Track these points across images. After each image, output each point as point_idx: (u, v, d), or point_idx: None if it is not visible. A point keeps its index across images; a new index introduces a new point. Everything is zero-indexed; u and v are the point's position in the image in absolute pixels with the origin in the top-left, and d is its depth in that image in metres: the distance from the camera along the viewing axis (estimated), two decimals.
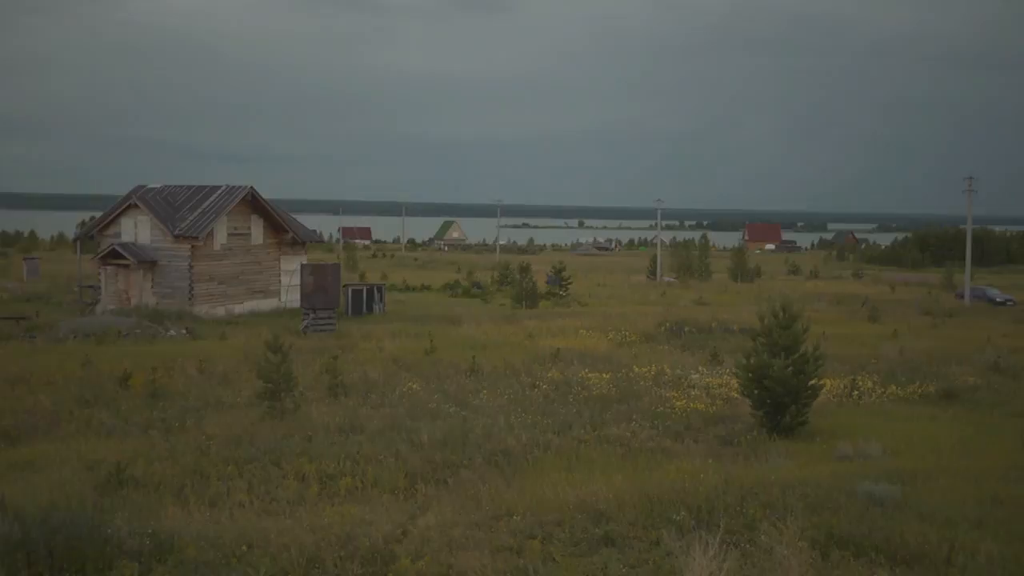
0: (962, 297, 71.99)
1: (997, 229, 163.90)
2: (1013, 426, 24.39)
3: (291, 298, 52.26)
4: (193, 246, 48.25)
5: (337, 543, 12.83)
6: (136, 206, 49.52)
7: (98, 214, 59.66)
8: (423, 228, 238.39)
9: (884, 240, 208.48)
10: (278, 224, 53.91)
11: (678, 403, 26.44)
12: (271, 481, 17.89)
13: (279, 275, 54.08)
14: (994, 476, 18.04)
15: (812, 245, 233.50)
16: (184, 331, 40.91)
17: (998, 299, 72.40)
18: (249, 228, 52.38)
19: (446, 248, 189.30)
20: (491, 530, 13.89)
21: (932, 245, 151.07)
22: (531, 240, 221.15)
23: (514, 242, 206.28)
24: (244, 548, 12.53)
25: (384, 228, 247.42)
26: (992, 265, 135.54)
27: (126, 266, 48.92)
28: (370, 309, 51.98)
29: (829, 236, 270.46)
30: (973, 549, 12.60)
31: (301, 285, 45.23)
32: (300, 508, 15.93)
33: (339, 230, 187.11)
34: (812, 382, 23.91)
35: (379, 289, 54.47)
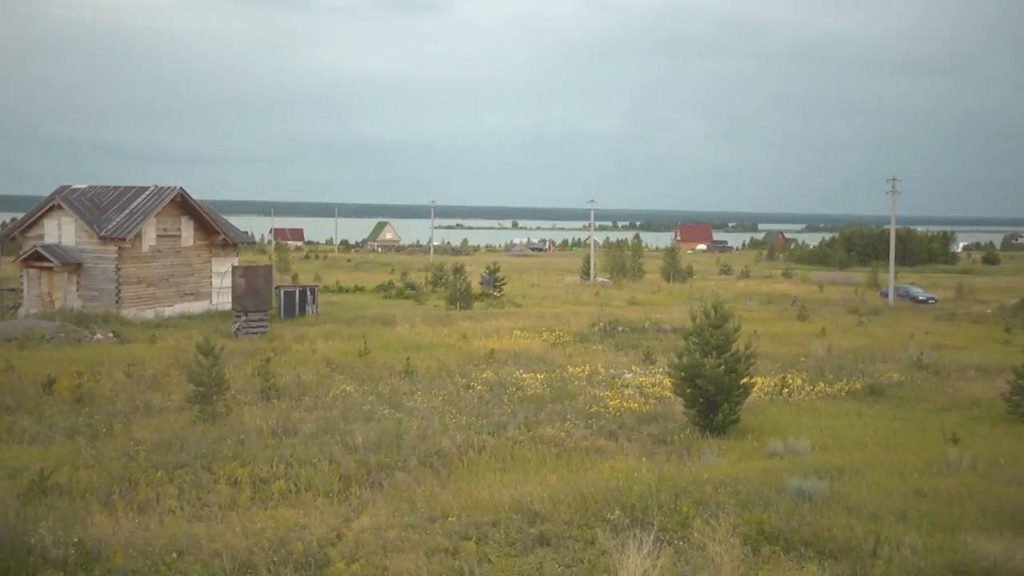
0: (887, 296, 73.64)
1: (920, 229, 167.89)
2: (935, 421, 25.04)
3: (222, 300, 51.53)
4: (120, 248, 47.30)
5: (270, 548, 12.69)
6: (60, 207, 48.38)
7: (20, 215, 58.15)
8: (356, 229, 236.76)
9: (812, 240, 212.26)
10: (209, 225, 53.11)
11: (612, 402, 26.63)
12: (202, 486, 17.62)
13: (210, 277, 53.28)
14: (917, 470, 18.49)
15: (743, 245, 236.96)
16: (111, 335, 40.08)
17: (921, 297, 74.26)
18: (179, 230, 51.52)
19: (379, 249, 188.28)
20: (426, 532, 13.86)
21: (858, 245, 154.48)
22: (465, 241, 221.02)
23: (448, 243, 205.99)
24: (174, 555, 12.32)
25: (317, 229, 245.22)
26: (915, 264, 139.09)
27: (50, 268, 47.77)
28: (303, 311, 51.47)
29: (759, 236, 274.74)
30: (898, 541, 12.91)
31: (232, 287, 44.60)
32: (232, 513, 15.70)
33: (271, 231, 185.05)
34: (743, 380, 24.25)
35: (312, 291, 53.98)
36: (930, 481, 17.45)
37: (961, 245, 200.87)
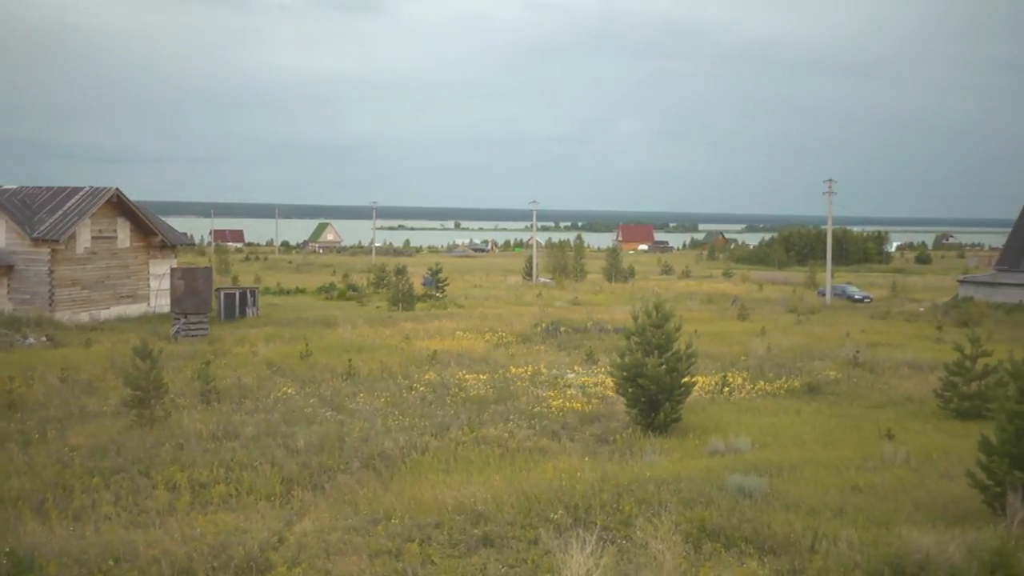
0: (824, 295, 74.84)
1: (855, 230, 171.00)
2: (871, 417, 25.51)
3: (161, 303, 50.70)
4: (53, 249, 46.30)
5: (210, 553, 12.53)
6: None
7: None
8: (297, 230, 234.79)
9: (752, 240, 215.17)
10: (146, 227, 52.23)
11: (555, 403, 26.70)
12: (140, 492, 17.32)
13: (148, 279, 52.40)
14: (853, 466, 18.85)
15: (684, 245, 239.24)
16: (44, 338, 39.22)
17: (856, 296, 75.64)
18: (115, 231, 50.58)
19: (321, 250, 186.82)
20: (369, 534, 13.79)
21: (796, 245, 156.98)
22: (407, 242, 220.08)
23: (390, 244, 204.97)
24: (110, 563, 12.12)
25: (257, 231, 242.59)
26: (851, 264, 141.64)
27: None
28: (243, 313, 50.85)
29: (700, 236, 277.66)
30: (835, 536, 13.14)
31: (171, 289, 43.91)
32: (171, 519, 15.46)
33: (211, 233, 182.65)
34: (685, 379, 24.48)
35: (252, 293, 53.35)
36: (866, 476, 17.81)
37: (895, 245, 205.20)
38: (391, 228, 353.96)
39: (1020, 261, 65.68)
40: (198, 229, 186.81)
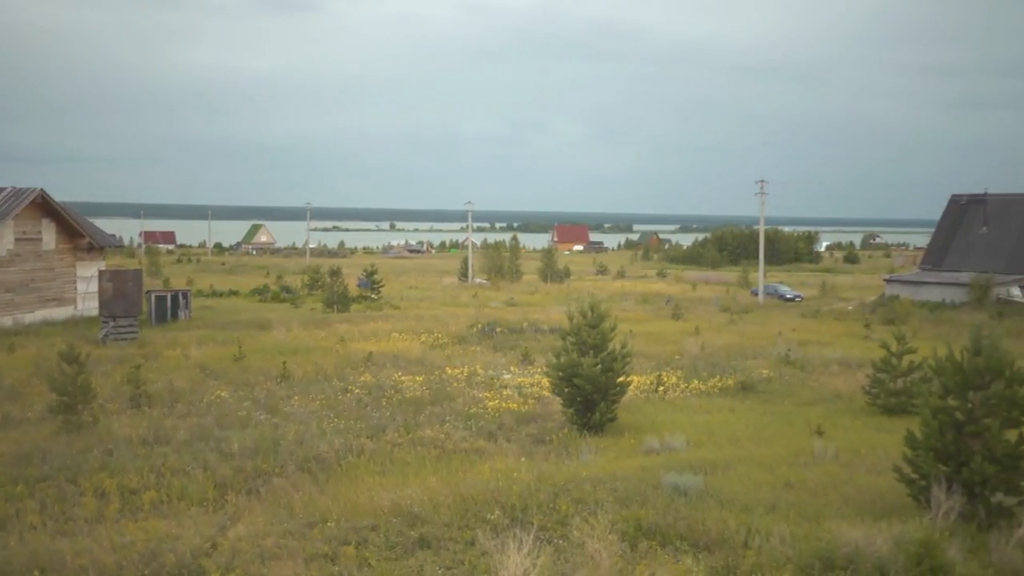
0: (757, 294, 75.99)
1: (786, 230, 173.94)
2: (802, 415, 25.97)
3: (88, 306, 49.62)
4: None
5: (140, 561, 12.30)
6: None
7: None
8: (230, 232, 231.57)
9: (686, 240, 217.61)
10: (73, 228, 51.08)
11: (491, 403, 26.72)
12: (67, 500, 16.92)
13: (75, 282, 51.24)
14: (785, 462, 19.16)
15: (618, 246, 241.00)
16: None
17: (788, 295, 76.94)
18: (40, 233, 49.36)
19: (254, 252, 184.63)
20: (305, 538, 13.66)
21: (729, 245, 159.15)
22: (342, 243, 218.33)
23: (324, 245, 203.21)
24: (36, 573, 11.84)
25: (189, 232, 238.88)
26: (782, 263, 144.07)
27: None
28: (175, 316, 50.00)
29: (634, 237, 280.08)
30: (767, 531, 13.34)
31: (99, 292, 43.01)
32: (99, 527, 15.14)
33: (141, 234, 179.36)
34: (620, 379, 24.66)
35: (184, 295, 52.49)
36: (797, 473, 18.11)
37: (824, 245, 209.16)
38: (325, 229, 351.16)
39: (943, 261, 67.41)
40: (128, 231, 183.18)
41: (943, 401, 14.80)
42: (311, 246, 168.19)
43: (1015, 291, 61.16)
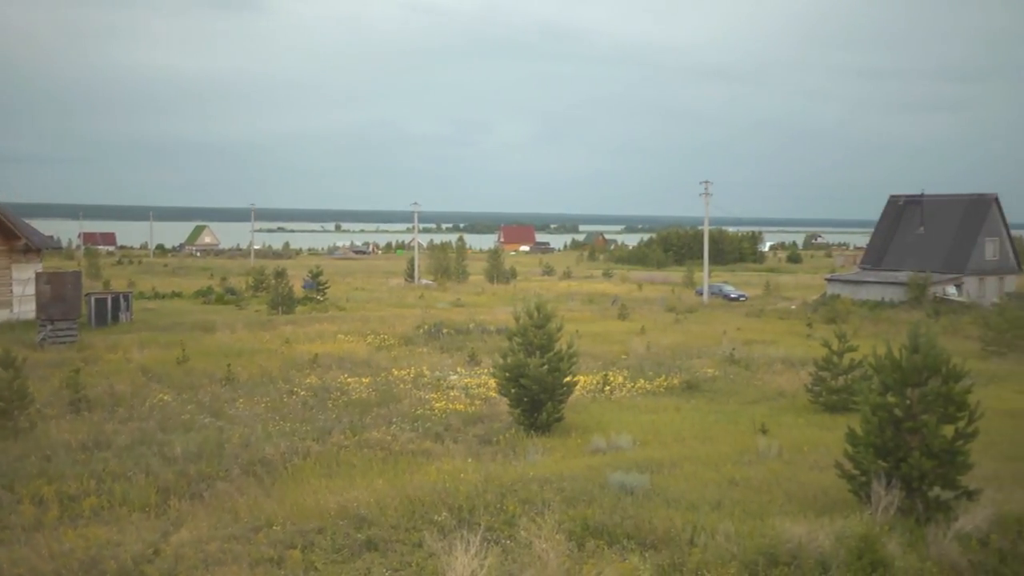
0: (701, 294, 76.73)
1: (731, 230, 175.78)
2: (746, 413, 26.29)
3: (25, 309, 48.55)
4: None
5: (80, 569, 12.09)
6: None
7: None
8: (173, 233, 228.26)
9: (631, 241, 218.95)
10: (8, 230, 49.97)
11: (438, 404, 26.67)
12: (3, 507, 16.54)
13: (10, 284, 50.14)
14: (730, 460, 19.38)
15: (565, 246, 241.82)
16: None
17: (732, 295, 77.82)
18: None
19: (198, 253, 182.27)
20: (250, 542, 13.52)
21: (674, 245, 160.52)
22: (287, 244, 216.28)
23: (269, 246, 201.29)
24: None
25: (130, 233, 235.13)
26: (727, 263, 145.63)
27: None
28: (116, 319, 49.17)
29: (580, 237, 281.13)
30: (713, 529, 13.48)
31: (37, 295, 42.13)
32: (38, 534, 14.81)
33: (80, 236, 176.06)
34: (567, 379, 24.75)
35: (125, 297, 51.63)
36: (742, 470, 18.32)
37: (768, 245, 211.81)
38: (270, 230, 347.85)
39: (882, 260, 68.66)
40: (66, 232, 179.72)
41: (882, 398, 15.07)
42: (256, 247, 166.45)
43: (951, 290, 62.50)
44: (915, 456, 14.46)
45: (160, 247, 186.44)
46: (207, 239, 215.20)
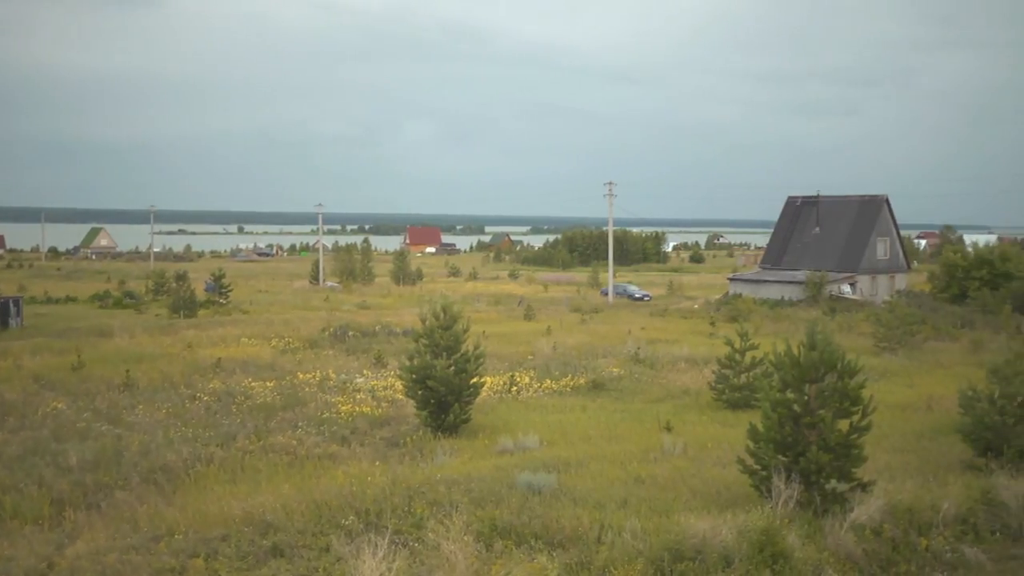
0: (607, 294, 77.54)
1: (635, 230, 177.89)
2: (651, 411, 26.65)
3: None
4: None
5: None
6: None
7: None
8: (67, 235, 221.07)
9: (537, 242, 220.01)
10: None
11: (344, 408, 26.43)
12: None
13: None
14: (636, 458, 19.64)
15: (471, 248, 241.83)
16: None
17: (637, 295, 78.83)
18: None
19: (94, 256, 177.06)
20: (150, 553, 13.20)
21: (580, 246, 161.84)
22: (188, 247, 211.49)
23: (170, 249, 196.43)
24: None
25: (20, 236, 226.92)
26: (631, 263, 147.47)
27: None
28: (5, 324, 47.50)
29: (486, 239, 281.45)
30: (619, 527, 13.65)
31: None
32: None
33: None
34: (473, 380, 24.77)
35: (15, 302, 49.94)
36: (647, 468, 18.59)
37: (671, 245, 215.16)
38: (171, 232, 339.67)
39: (781, 260, 70.40)
40: None
41: (782, 395, 15.46)
42: (156, 250, 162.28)
43: (846, 288, 64.46)
44: (813, 450, 14.88)
45: (53, 250, 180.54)
46: (104, 242, 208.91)
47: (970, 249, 76.19)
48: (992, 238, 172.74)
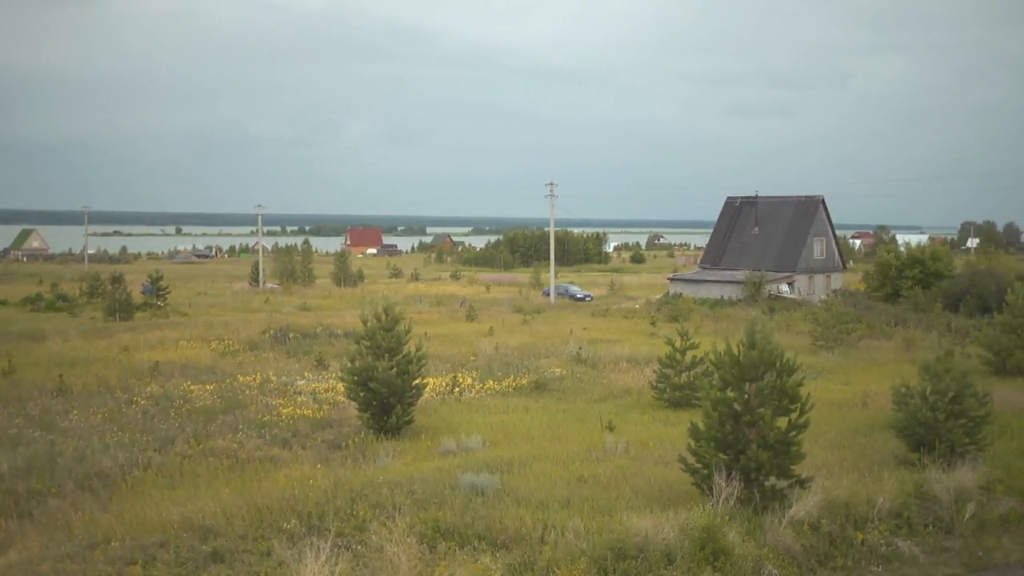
0: (548, 295, 77.81)
1: (576, 231, 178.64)
2: (594, 411, 26.79)
3: None
4: None
5: None
6: None
7: None
8: None
9: (479, 242, 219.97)
10: None
11: (285, 410, 26.19)
12: None
13: None
14: (579, 458, 19.73)
15: (412, 248, 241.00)
16: None
17: (579, 295, 79.22)
18: None
19: (25, 259, 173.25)
20: (86, 561, 12.96)
21: (521, 247, 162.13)
22: (124, 248, 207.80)
23: (105, 251, 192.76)
24: None
25: None
26: (573, 264, 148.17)
27: None
28: None
29: (428, 240, 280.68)
30: (563, 527, 13.70)
31: None
32: None
33: None
34: (416, 382, 24.68)
35: None
36: (590, 468, 18.69)
37: (612, 246, 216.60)
38: (106, 234, 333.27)
39: (721, 260, 71.25)
40: None
41: (722, 393, 15.64)
42: (90, 252, 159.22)
43: (784, 287, 65.44)
44: (753, 448, 15.08)
45: None
46: (35, 243, 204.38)
47: (903, 249, 77.92)
48: (923, 238, 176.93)
